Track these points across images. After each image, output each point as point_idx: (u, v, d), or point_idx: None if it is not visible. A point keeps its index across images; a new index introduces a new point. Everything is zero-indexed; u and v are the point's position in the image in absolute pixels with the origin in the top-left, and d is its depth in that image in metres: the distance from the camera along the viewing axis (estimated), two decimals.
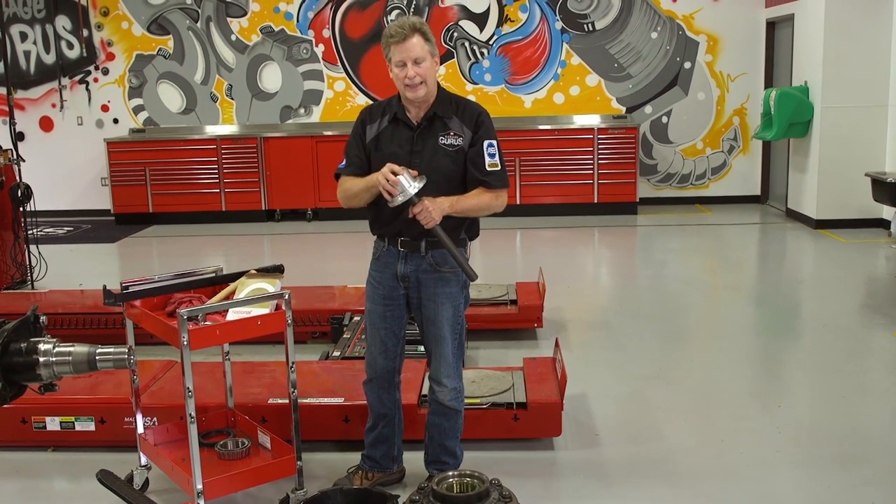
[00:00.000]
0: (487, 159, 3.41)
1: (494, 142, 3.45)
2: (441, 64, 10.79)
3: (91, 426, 4.15)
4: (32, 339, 2.64)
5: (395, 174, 3.24)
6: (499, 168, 3.43)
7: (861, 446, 4.11)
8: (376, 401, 3.68)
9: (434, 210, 3.26)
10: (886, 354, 5.44)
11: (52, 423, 4.16)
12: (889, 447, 4.08)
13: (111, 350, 2.67)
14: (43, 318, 2.75)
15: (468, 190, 3.42)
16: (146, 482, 3.74)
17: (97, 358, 2.65)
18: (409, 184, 3.25)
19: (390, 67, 3.37)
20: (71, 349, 2.64)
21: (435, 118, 3.41)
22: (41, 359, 2.60)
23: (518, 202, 10.40)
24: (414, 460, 3.84)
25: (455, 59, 10.84)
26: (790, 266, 8.44)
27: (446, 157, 3.40)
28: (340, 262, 8.65)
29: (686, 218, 10.23)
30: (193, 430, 3.20)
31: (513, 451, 4.06)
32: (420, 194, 3.26)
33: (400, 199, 3.25)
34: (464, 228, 3.50)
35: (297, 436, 3.47)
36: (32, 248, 7.60)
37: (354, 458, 3.83)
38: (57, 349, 2.63)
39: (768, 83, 10.55)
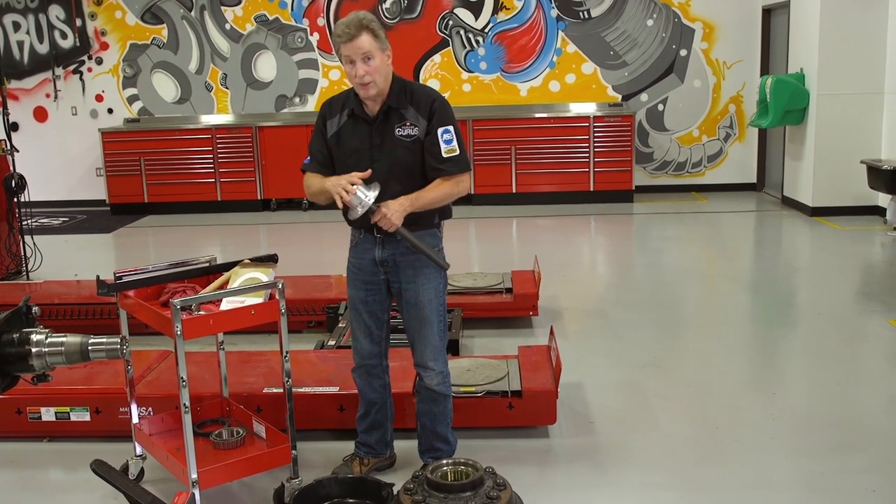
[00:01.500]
0: (443, 146, 3.39)
1: (451, 126, 3.41)
2: (437, 52, 10.78)
3: (86, 416, 4.15)
4: (25, 330, 2.64)
5: (351, 184, 3.25)
6: (457, 153, 3.41)
7: (856, 433, 4.11)
8: (366, 387, 3.69)
9: (394, 214, 3.28)
10: (882, 342, 5.45)
11: (48, 414, 4.17)
12: (884, 434, 4.09)
13: (104, 340, 2.66)
14: (35, 309, 2.74)
15: (429, 179, 3.42)
16: (141, 472, 3.74)
17: (90, 348, 2.65)
18: (364, 195, 3.26)
19: (342, 65, 3.36)
20: (63, 339, 2.63)
21: (390, 111, 3.40)
22: (34, 349, 2.59)
23: (514, 190, 10.39)
24: (406, 447, 3.85)
25: (450, 47, 10.81)
26: (786, 254, 8.45)
27: (405, 149, 3.40)
28: (336, 251, 8.55)
29: (682, 206, 10.23)
30: (188, 420, 3.20)
31: (508, 439, 4.06)
32: (378, 200, 3.28)
33: (360, 212, 3.28)
34: (437, 213, 3.51)
35: (292, 425, 3.47)
36: (27, 238, 7.58)
37: (350, 446, 3.84)
38: (49, 339, 2.62)
39: (764, 70, 10.53)
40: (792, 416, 4.32)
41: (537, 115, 10.51)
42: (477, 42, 10.81)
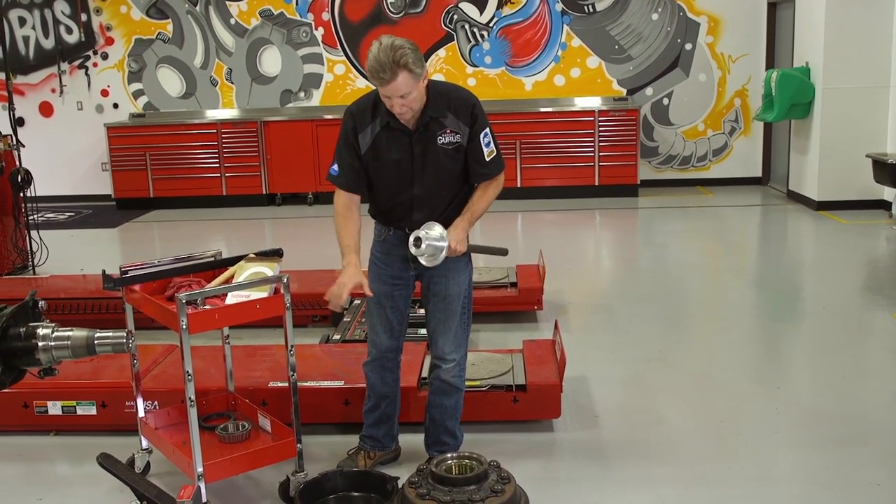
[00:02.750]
0: (485, 150, 3.42)
1: (488, 128, 3.44)
2: (442, 47, 10.77)
3: (92, 410, 4.16)
4: (31, 324, 2.64)
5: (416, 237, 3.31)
6: (495, 154, 3.47)
7: (861, 428, 4.11)
8: (378, 381, 3.68)
9: (460, 244, 3.36)
10: (887, 336, 5.45)
11: (54, 408, 4.18)
12: (889, 428, 4.09)
13: (110, 334, 2.67)
14: (42, 303, 2.75)
15: (472, 182, 3.47)
16: (147, 465, 3.76)
17: (96, 342, 2.65)
18: (439, 241, 3.33)
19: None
20: (70, 333, 2.64)
21: (430, 121, 3.35)
22: (40, 343, 2.60)
23: (519, 185, 10.39)
24: (411, 441, 3.86)
25: (455, 41, 10.80)
26: (791, 248, 8.44)
27: (447, 158, 3.39)
28: None
29: (687, 200, 10.22)
30: (193, 414, 3.21)
31: (512, 433, 4.07)
32: (426, 206, 3.38)
33: (443, 257, 3.36)
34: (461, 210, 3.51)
35: (297, 419, 3.47)
36: (33, 233, 7.60)
37: (355, 440, 3.84)
38: (56, 334, 2.63)
39: (769, 64, 10.51)
40: (796, 411, 4.32)
41: (542, 110, 10.50)
42: (482, 36, 10.80)
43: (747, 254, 8.12)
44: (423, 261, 3.37)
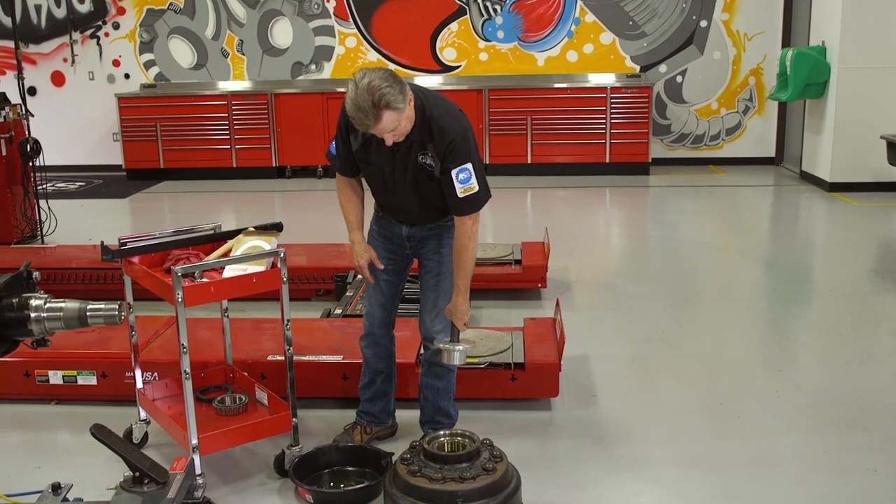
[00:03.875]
0: (458, 186, 3.26)
1: (470, 165, 3.26)
2: (454, 20, 10.68)
3: (93, 380, 4.19)
4: (24, 295, 2.65)
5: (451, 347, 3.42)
6: (475, 190, 3.27)
7: (862, 412, 4.08)
8: (373, 356, 3.69)
9: (465, 315, 3.43)
10: (895, 321, 5.40)
11: (55, 377, 4.21)
12: (886, 414, 4.05)
13: (102, 306, 2.67)
14: (36, 274, 2.76)
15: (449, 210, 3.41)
16: (145, 436, 3.79)
17: (88, 314, 2.66)
18: (461, 350, 3.42)
19: None
20: (62, 305, 2.65)
21: (413, 143, 3.29)
22: (32, 314, 2.61)
23: (529, 161, 10.34)
24: (408, 417, 3.86)
25: (468, 15, 10.71)
26: (802, 229, 8.37)
27: (426, 176, 3.33)
28: None
29: (699, 179, 10.14)
30: (189, 386, 3.22)
31: (510, 412, 4.07)
32: (404, 222, 3.51)
33: (462, 361, 3.47)
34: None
35: (293, 393, 3.48)
36: (42, 203, 7.63)
37: (353, 415, 3.85)
38: (48, 305, 2.64)
39: (785, 43, 10.37)
40: (797, 394, 4.30)
41: (554, 86, 10.42)
42: (495, 10, 10.70)
43: (757, 234, 8.06)
44: (449, 358, 3.46)
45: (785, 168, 10.65)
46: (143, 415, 3.78)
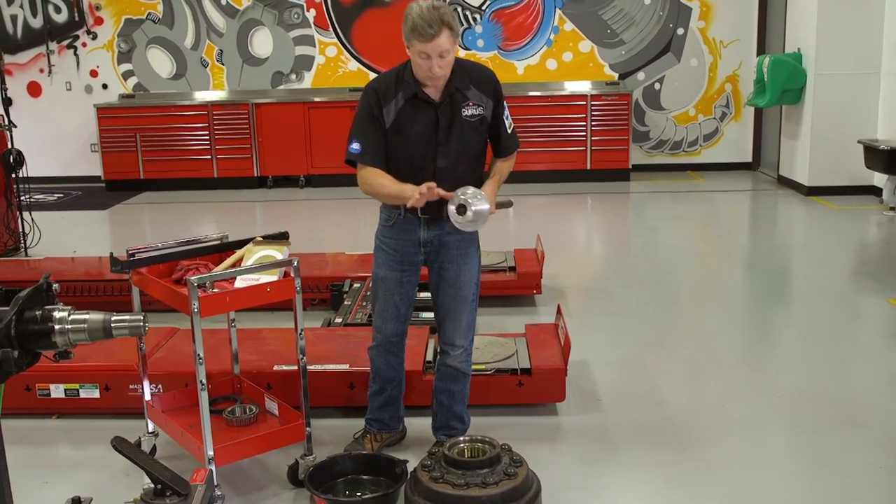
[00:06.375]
0: (507, 122, 3.51)
1: (506, 104, 3.52)
2: None
3: (96, 393, 4.16)
4: (47, 307, 2.63)
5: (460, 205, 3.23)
6: (513, 127, 3.55)
7: (856, 411, 4.16)
8: (384, 365, 3.69)
9: (493, 206, 3.38)
10: (880, 320, 5.50)
11: (57, 391, 4.17)
12: (883, 412, 4.14)
13: (126, 317, 2.65)
14: (56, 286, 2.74)
15: (495, 154, 3.58)
16: (154, 448, 3.77)
17: (112, 325, 2.64)
18: (483, 209, 3.24)
19: (409, 51, 3.27)
20: (86, 317, 2.62)
21: (455, 93, 3.36)
22: (56, 326, 2.59)
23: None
24: (416, 424, 3.88)
25: None
26: (781, 233, 8.50)
27: (471, 130, 3.40)
28: (334, 228, 8.66)
29: (678, 185, 10.26)
30: (204, 397, 3.21)
31: (517, 417, 4.10)
32: (448, 178, 3.31)
33: (482, 223, 3.31)
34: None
35: (307, 402, 3.48)
36: (25, 215, 7.55)
37: (359, 423, 3.85)
38: (72, 317, 2.62)
39: (761, 50, 10.54)
40: (794, 394, 4.37)
41: (534, 94, 10.50)
42: (474, 19, 10.76)
43: (738, 238, 8.17)
44: (462, 227, 3.29)
45: (762, 173, 10.80)
46: (151, 427, 3.76)
